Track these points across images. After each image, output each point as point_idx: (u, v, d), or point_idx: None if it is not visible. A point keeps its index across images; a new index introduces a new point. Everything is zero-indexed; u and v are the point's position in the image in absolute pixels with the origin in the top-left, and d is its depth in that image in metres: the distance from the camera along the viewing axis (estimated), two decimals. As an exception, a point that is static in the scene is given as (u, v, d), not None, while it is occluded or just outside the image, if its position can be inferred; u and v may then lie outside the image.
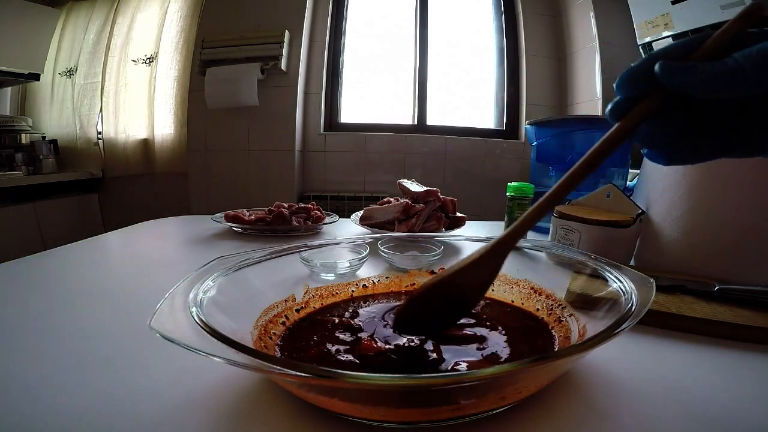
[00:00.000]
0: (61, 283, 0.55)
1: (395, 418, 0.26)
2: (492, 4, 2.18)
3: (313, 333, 0.36)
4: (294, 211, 0.84)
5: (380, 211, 0.80)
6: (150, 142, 2.22)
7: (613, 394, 0.30)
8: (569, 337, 0.34)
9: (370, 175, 2.09)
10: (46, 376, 0.32)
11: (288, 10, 1.96)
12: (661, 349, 0.37)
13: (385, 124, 2.13)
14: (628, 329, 0.26)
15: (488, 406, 0.26)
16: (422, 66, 2.13)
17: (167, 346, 0.25)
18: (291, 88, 1.98)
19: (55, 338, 0.38)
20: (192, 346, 0.24)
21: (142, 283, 0.55)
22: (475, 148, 2.09)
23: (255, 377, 0.31)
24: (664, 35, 1.47)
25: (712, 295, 0.44)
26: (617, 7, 1.79)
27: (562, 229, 0.61)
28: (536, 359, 0.23)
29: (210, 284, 0.34)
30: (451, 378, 0.22)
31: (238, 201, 1.96)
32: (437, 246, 0.53)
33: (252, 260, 0.40)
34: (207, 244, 0.75)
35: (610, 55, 1.85)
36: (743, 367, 0.34)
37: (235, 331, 0.30)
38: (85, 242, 0.76)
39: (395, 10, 2.17)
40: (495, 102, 2.21)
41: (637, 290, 0.31)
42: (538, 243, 0.48)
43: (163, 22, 2.17)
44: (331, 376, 0.21)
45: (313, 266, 0.46)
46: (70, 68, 2.30)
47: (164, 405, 0.28)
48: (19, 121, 2.22)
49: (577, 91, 2.04)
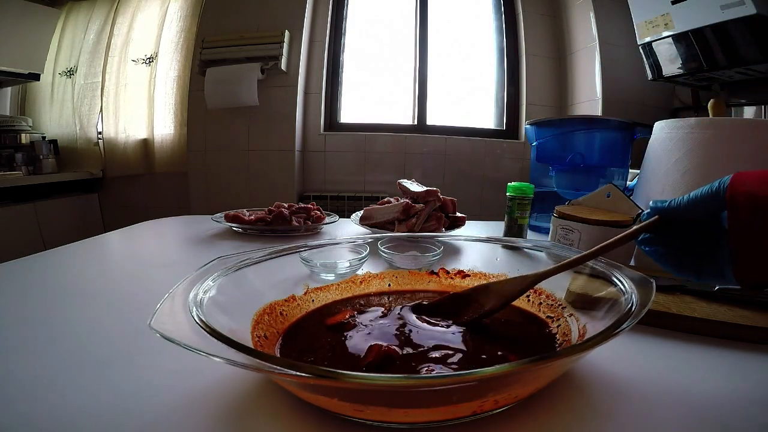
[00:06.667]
0: (60, 283, 0.55)
1: (395, 418, 0.26)
2: (492, 4, 2.18)
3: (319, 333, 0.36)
4: (294, 211, 0.84)
5: (380, 211, 0.80)
6: (150, 142, 2.22)
7: (613, 394, 0.30)
8: (569, 337, 0.34)
9: (370, 175, 2.09)
10: (45, 375, 0.32)
11: (288, 10, 1.96)
12: (661, 349, 0.37)
13: (385, 124, 2.13)
14: (628, 329, 0.26)
15: (488, 406, 0.26)
16: (422, 66, 2.13)
17: (167, 346, 0.25)
18: (291, 88, 1.98)
19: (55, 338, 0.38)
20: (192, 346, 0.24)
21: (142, 283, 0.55)
22: (475, 148, 2.09)
23: (255, 377, 0.31)
24: (664, 35, 1.47)
25: (712, 295, 0.44)
26: (617, 7, 1.79)
27: (562, 229, 0.61)
28: (536, 359, 0.23)
29: (210, 284, 0.34)
30: (451, 378, 0.22)
31: (238, 201, 1.96)
32: (437, 246, 0.53)
33: (252, 260, 0.40)
34: (207, 244, 0.75)
35: (610, 55, 1.85)
36: (743, 367, 0.34)
37: (234, 331, 0.30)
38: (85, 242, 0.76)
39: (395, 10, 2.17)
40: (495, 102, 2.21)
41: (637, 290, 0.31)
42: (538, 243, 0.48)
43: (163, 22, 2.17)
44: (331, 376, 0.21)
45: (313, 266, 0.46)
46: (70, 68, 2.30)
47: (164, 405, 0.28)
48: (19, 121, 2.22)
49: (577, 91, 2.04)
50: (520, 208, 0.73)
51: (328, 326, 0.37)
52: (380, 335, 0.35)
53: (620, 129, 0.84)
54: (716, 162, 0.56)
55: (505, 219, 0.75)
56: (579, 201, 0.67)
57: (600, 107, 1.86)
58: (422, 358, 0.31)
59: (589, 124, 0.90)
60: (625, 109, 1.87)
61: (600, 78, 1.85)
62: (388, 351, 0.31)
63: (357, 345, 0.34)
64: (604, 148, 0.86)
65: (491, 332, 0.37)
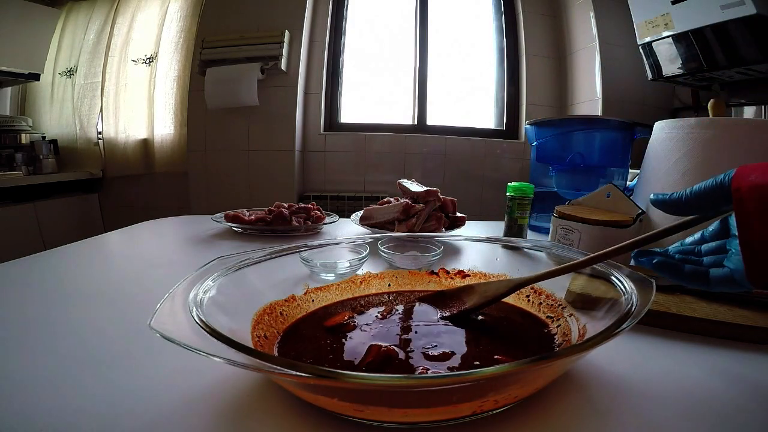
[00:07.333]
0: (60, 283, 0.55)
1: (395, 418, 0.26)
2: (492, 4, 2.18)
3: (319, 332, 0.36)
4: (294, 211, 0.84)
5: (380, 211, 0.80)
6: (150, 142, 2.22)
7: (613, 394, 0.30)
8: (569, 337, 0.34)
9: (370, 175, 2.09)
10: (45, 375, 0.32)
11: (288, 10, 1.96)
12: (661, 349, 0.37)
13: (385, 124, 2.13)
14: (628, 329, 0.26)
15: (488, 406, 0.26)
16: (422, 66, 2.13)
17: (167, 346, 0.25)
18: (291, 88, 1.98)
19: (55, 338, 0.38)
20: (192, 346, 0.24)
21: (142, 283, 0.55)
22: (475, 148, 2.09)
23: (255, 377, 0.31)
24: (664, 35, 1.47)
25: (712, 295, 0.44)
26: (617, 7, 1.79)
27: (562, 229, 0.61)
28: (536, 359, 0.23)
29: (210, 284, 0.34)
30: (451, 378, 0.22)
31: (238, 201, 1.96)
32: (437, 246, 0.53)
33: (252, 260, 0.40)
34: (207, 244, 0.75)
35: (610, 55, 1.85)
36: (743, 367, 0.34)
37: (234, 332, 0.30)
38: (85, 242, 0.76)
39: (395, 10, 2.17)
40: (495, 102, 2.21)
41: (637, 290, 0.31)
42: (538, 243, 0.48)
43: (163, 22, 2.17)
44: (331, 376, 0.21)
45: (313, 266, 0.46)
46: (70, 68, 2.30)
47: (164, 405, 0.28)
48: (19, 121, 2.22)
49: (577, 91, 2.04)
50: (520, 208, 0.73)
51: (326, 328, 0.37)
52: (380, 335, 0.35)
53: (620, 129, 0.84)
54: (716, 162, 0.56)
55: (505, 219, 0.75)
56: (579, 201, 0.67)
57: (600, 107, 1.86)
58: (422, 358, 0.31)
59: (589, 124, 0.90)
60: (625, 109, 1.87)
61: (600, 78, 1.85)
62: (388, 351, 0.31)
63: (356, 345, 0.34)
64: (604, 148, 0.86)
65: (491, 332, 0.37)
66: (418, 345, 0.33)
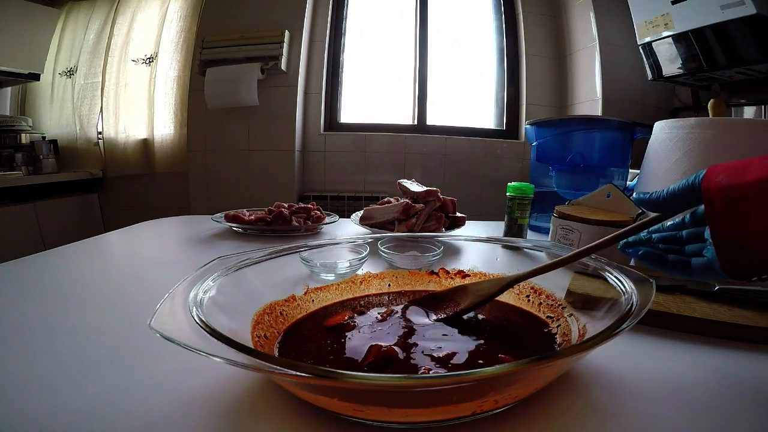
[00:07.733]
0: (60, 283, 0.55)
1: (395, 418, 0.26)
2: (492, 4, 2.18)
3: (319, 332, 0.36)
4: (294, 211, 0.84)
5: (380, 211, 0.80)
6: (150, 142, 2.22)
7: (613, 394, 0.30)
8: (569, 337, 0.34)
9: (370, 175, 2.09)
10: (45, 376, 0.32)
11: (288, 10, 1.96)
12: (661, 349, 0.37)
13: (385, 124, 2.13)
14: (628, 329, 0.26)
15: (488, 406, 0.26)
16: (422, 66, 2.13)
17: (167, 346, 0.25)
18: (291, 88, 1.98)
19: (55, 338, 0.38)
20: (192, 346, 0.24)
21: (142, 283, 0.55)
22: (475, 148, 2.09)
23: (255, 377, 0.31)
24: (664, 35, 1.47)
25: (712, 295, 0.44)
26: (617, 7, 1.79)
27: (562, 229, 0.61)
28: (536, 359, 0.23)
29: (210, 284, 0.34)
30: (451, 378, 0.22)
31: (238, 201, 1.96)
32: (437, 246, 0.53)
33: (252, 260, 0.40)
34: (207, 244, 0.75)
35: (610, 55, 1.85)
36: (743, 367, 0.34)
37: (234, 332, 0.30)
38: (85, 242, 0.76)
39: (395, 10, 2.17)
40: (495, 102, 2.21)
41: (637, 290, 0.31)
42: (538, 243, 0.48)
43: (163, 22, 2.17)
44: (331, 376, 0.21)
45: (313, 266, 0.46)
46: (70, 68, 2.30)
47: (164, 405, 0.28)
48: (19, 121, 2.22)
49: (577, 91, 2.04)
50: (520, 208, 0.73)
51: (327, 328, 0.37)
52: (380, 335, 0.35)
53: (620, 129, 0.84)
54: (716, 162, 0.56)
55: (505, 219, 0.75)
56: (579, 201, 0.67)
57: (600, 107, 1.86)
58: (422, 358, 0.31)
59: (589, 124, 0.90)
60: (625, 109, 1.87)
61: (600, 78, 1.85)
62: (388, 351, 0.31)
63: (356, 345, 0.34)
64: (604, 148, 0.86)
65: (491, 332, 0.37)
66: (419, 345, 0.33)
